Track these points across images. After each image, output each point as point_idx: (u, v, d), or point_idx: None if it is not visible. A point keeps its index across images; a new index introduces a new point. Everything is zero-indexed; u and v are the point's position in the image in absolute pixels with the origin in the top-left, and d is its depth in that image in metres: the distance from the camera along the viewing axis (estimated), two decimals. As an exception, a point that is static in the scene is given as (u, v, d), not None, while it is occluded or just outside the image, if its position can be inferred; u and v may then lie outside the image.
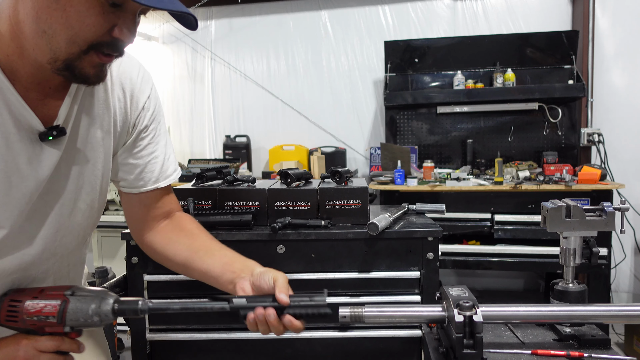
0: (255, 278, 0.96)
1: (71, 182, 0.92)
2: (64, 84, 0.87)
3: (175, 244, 1.09)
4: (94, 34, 0.75)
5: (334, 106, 4.22)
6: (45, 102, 0.85)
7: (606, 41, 3.71)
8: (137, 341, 1.51)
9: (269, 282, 0.93)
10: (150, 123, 1.04)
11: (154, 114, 1.05)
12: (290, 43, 4.27)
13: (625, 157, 3.64)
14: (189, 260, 1.06)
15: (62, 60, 0.76)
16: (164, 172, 1.08)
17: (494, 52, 3.71)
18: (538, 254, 3.02)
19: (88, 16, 0.73)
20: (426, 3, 4.04)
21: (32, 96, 0.82)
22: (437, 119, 3.87)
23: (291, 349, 1.49)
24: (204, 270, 1.04)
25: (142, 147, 1.04)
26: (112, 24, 0.76)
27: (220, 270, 1.01)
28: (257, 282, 0.95)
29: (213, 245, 1.08)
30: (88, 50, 0.76)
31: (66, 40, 0.74)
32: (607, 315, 1.00)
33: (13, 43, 0.77)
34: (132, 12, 0.78)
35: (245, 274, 0.98)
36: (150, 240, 1.11)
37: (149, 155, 1.05)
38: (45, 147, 0.85)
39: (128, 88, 0.99)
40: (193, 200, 1.52)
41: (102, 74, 0.82)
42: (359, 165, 4.17)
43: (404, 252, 1.46)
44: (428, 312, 1.01)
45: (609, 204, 1.10)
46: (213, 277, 1.02)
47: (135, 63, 1.02)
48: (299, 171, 1.63)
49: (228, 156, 4.17)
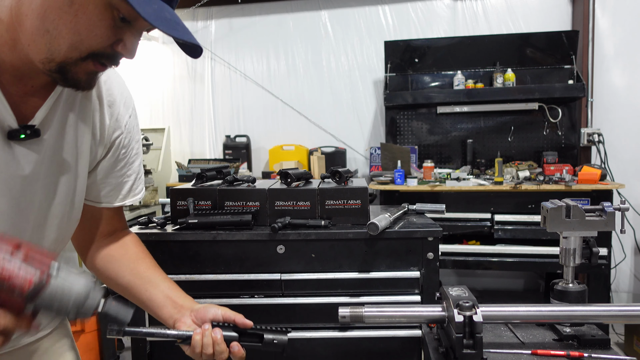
0: (197, 312, 0.97)
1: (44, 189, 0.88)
2: (47, 86, 0.83)
3: (118, 264, 1.06)
4: (99, 44, 0.74)
5: (334, 106, 4.22)
6: (24, 99, 0.81)
7: (606, 41, 3.71)
8: (137, 341, 1.51)
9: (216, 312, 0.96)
10: (129, 143, 1.02)
11: (133, 135, 1.03)
12: (290, 43, 4.27)
13: (625, 157, 3.64)
14: (131, 284, 1.04)
15: (57, 63, 0.74)
16: (133, 191, 1.07)
17: (494, 52, 3.71)
18: (538, 254, 3.03)
19: (98, 27, 0.72)
20: (426, 3, 4.04)
21: (12, 91, 0.79)
22: (437, 119, 3.87)
23: (291, 349, 1.49)
24: (146, 298, 1.02)
25: (119, 167, 1.02)
26: (118, 38, 0.75)
27: (162, 302, 1.01)
28: (199, 315, 0.97)
29: (157, 274, 1.06)
30: (86, 58, 0.75)
31: (69, 44, 0.72)
32: (607, 315, 1.00)
33: (7, 34, 0.75)
34: (139, 29, 0.77)
35: (186, 311, 0.99)
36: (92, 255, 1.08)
37: (123, 175, 1.04)
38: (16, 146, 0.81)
39: (111, 105, 0.97)
40: (193, 200, 1.52)
41: (93, 81, 0.81)
42: (359, 165, 4.17)
43: (404, 252, 1.46)
44: (428, 312, 1.01)
45: (609, 204, 1.10)
46: (154, 308, 1.01)
47: (121, 81, 1.00)
48: (299, 171, 1.63)
49: (228, 156, 4.17)
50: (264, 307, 1.49)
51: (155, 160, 4.09)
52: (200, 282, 1.49)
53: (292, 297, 1.49)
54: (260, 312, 1.49)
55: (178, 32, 0.75)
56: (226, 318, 0.96)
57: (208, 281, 1.49)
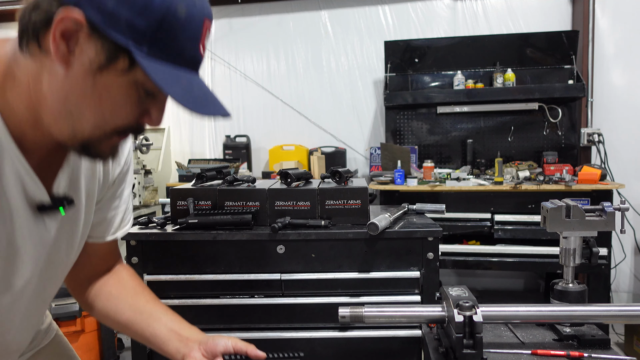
0: (206, 345, 0.95)
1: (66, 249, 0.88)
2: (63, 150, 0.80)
3: (117, 301, 1.02)
4: (124, 122, 0.71)
5: (334, 106, 4.22)
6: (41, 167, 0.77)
7: (606, 41, 3.71)
8: (137, 341, 1.51)
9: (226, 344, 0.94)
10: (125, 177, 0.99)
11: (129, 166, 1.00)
12: (290, 43, 4.27)
13: (625, 157, 3.64)
14: (131, 320, 1.00)
15: (81, 141, 0.71)
16: (123, 222, 1.03)
17: (494, 52, 3.71)
18: (538, 254, 3.02)
19: (123, 107, 0.70)
20: (426, 3, 4.04)
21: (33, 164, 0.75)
22: (437, 119, 3.87)
23: (291, 349, 1.49)
24: (149, 334, 0.99)
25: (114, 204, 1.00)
26: (144, 109, 0.73)
27: (166, 337, 0.97)
28: (209, 348, 0.94)
29: (157, 307, 1.03)
30: (112, 135, 0.72)
31: (93, 125, 0.70)
32: (607, 315, 1.00)
33: (28, 112, 0.71)
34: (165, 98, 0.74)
35: (193, 344, 0.95)
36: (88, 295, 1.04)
37: (115, 209, 1.00)
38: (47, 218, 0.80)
39: None
40: (193, 200, 1.52)
41: (117, 152, 0.78)
42: (359, 165, 4.17)
43: (404, 252, 1.46)
44: (428, 312, 1.01)
45: (609, 204, 1.10)
46: (159, 343, 0.98)
47: None
48: (299, 171, 1.63)
49: (228, 156, 4.17)
50: (264, 307, 1.49)
51: (155, 160, 4.09)
52: (200, 282, 1.49)
53: (292, 297, 1.49)
54: (260, 312, 1.49)
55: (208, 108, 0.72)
56: (237, 350, 0.94)
57: (208, 281, 1.49)
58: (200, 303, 1.49)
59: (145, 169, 3.50)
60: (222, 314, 1.49)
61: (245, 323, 1.50)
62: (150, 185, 3.56)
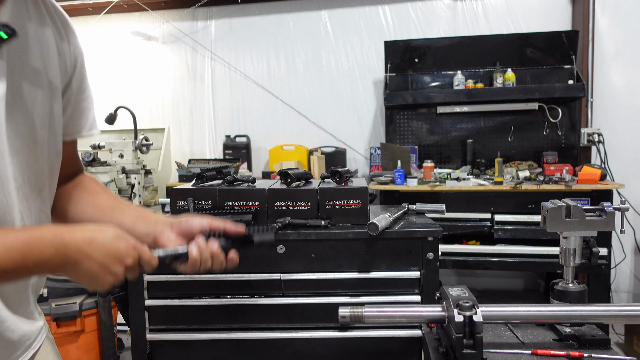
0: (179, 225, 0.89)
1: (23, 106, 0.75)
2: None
3: (78, 202, 0.95)
4: None
5: (334, 106, 4.22)
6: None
7: (606, 41, 3.71)
8: (137, 341, 1.51)
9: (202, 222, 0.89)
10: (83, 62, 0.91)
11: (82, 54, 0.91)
12: (290, 43, 4.27)
13: (625, 157, 3.64)
14: (94, 217, 0.93)
15: None
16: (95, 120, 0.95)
17: (494, 52, 3.71)
18: (538, 254, 3.02)
19: None
20: (426, 3, 4.04)
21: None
22: (437, 119, 3.87)
23: (291, 349, 1.49)
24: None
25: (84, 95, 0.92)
26: None
27: (132, 223, 0.90)
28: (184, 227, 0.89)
29: (121, 202, 0.96)
30: None
31: None
32: (607, 315, 1.00)
33: None
34: None
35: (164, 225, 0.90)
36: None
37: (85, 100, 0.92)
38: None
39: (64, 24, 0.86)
40: (193, 200, 1.52)
41: None
42: (359, 165, 4.17)
43: (404, 252, 1.46)
44: (428, 312, 1.01)
45: (609, 204, 1.10)
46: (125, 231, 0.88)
47: None
48: (299, 171, 1.63)
49: (228, 156, 4.17)
50: (264, 307, 1.49)
51: (155, 160, 4.09)
52: (200, 282, 1.49)
53: (292, 297, 1.49)
54: (260, 312, 1.49)
55: None
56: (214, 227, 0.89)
57: (208, 281, 1.49)
58: (200, 303, 1.49)
59: (145, 169, 3.50)
60: (222, 314, 1.50)
61: (245, 323, 1.50)
62: (150, 185, 3.56)
